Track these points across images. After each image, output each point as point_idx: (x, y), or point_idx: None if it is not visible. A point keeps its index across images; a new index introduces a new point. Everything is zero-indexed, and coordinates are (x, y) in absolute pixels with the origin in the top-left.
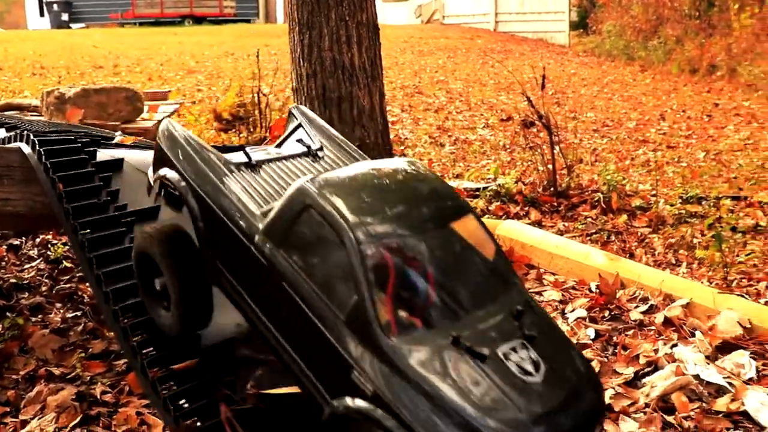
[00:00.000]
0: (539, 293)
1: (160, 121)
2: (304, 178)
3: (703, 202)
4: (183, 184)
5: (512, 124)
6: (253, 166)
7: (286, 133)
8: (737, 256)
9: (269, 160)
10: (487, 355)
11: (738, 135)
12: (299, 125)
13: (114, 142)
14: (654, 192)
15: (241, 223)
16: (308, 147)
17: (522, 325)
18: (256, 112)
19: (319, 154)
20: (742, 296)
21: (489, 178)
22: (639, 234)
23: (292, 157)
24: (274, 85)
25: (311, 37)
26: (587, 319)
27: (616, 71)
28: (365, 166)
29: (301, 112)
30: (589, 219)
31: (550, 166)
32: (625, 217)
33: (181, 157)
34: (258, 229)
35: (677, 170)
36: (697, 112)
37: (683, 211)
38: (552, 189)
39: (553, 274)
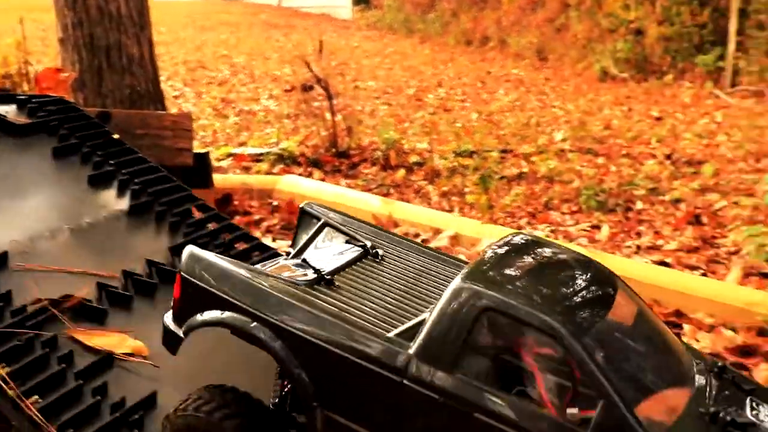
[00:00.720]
0: None
1: None
2: (456, 280)
3: (474, 156)
4: (254, 324)
5: (296, 94)
6: (329, 281)
7: (309, 235)
8: (503, 198)
9: (336, 271)
10: (752, 423)
11: (507, 98)
12: (323, 224)
13: None
14: (429, 149)
15: (375, 354)
16: (363, 247)
17: (735, 382)
18: (25, 83)
19: (379, 252)
20: (502, 226)
21: (272, 143)
22: (416, 186)
23: (354, 262)
24: (41, 61)
25: None
26: None
27: (396, 44)
28: (498, 250)
29: (320, 210)
30: (370, 176)
31: (332, 130)
32: (403, 172)
33: (240, 291)
34: (407, 355)
35: (452, 129)
36: (471, 79)
37: (456, 164)
38: (334, 150)
39: None
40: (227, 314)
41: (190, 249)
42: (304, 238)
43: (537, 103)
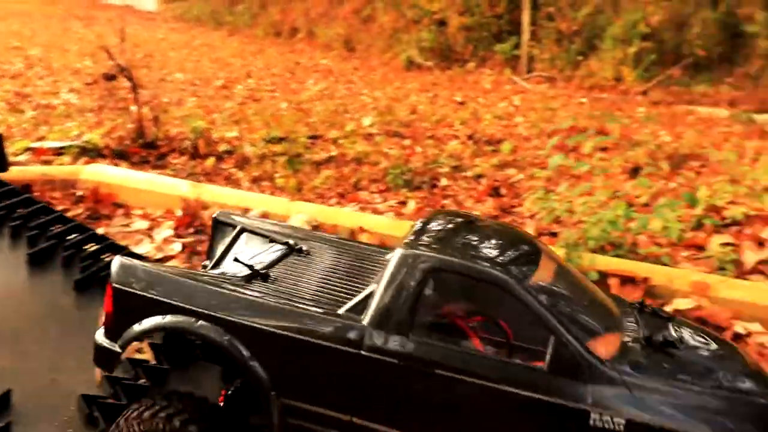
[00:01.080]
0: (127, 225)
1: None
2: (399, 250)
3: (284, 142)
4: (200, 323)
5: (98, 88)
6: (264, 276)
7: (227, 243)
8: (313, 181)
9: (268, 267)
10: (680, 339)
11: (317, 87)
12: (241, 230)
13: None
14: (239, 137)
15: (329, 331)
16: (287, 245)
17: (655, 313)
18: None
19: (303, 247)
20: (311, 203)
21: (74, 136)
22: (227, 173)
23: (282, 258)
24: None
25: None
26: (174, 236)
27: (204, 36)
28: (427, 224)
29: (234, 218)
30: (179, 165)
31: (138, 121)
32: (213, 160)
33: (182, 292)
34: (361, 326)
35: (262, 118)
36: (281, 70)
37: (266, 151)
38: (140, 141)
39: (141, 208)
40: (169, 318)
41: (119, 260)
42: (221, 247)
43: (345, 91)
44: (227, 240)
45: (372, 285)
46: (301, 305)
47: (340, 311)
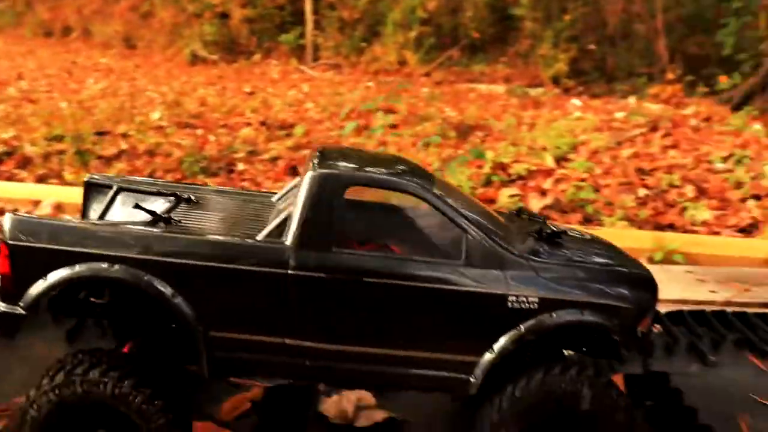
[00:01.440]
0: None
1: None
2: (309, 173)
3: (68, 140)
4: (116, 267)
5: None
6: (167, 220)
7: (104, 203)
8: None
9: (167, 212)
10: (564, 231)
11: (98, 86)
12: (119, 189)
13: None
14: (17, 137)
15: (253, 256)
16: (176, 196)
17: (531, 217)
18: None
19: (192, 198)
20: None
21: None
22: (8, 175)
23: (174, 208)
24: None
25: None
26: None
27: None
28: (322, 154)
29: (108, 179)
30: None
31: None
32: None
33: (91, 239)
34: (284, 247)
35: (41, 118)
36: (57, 70)
37: (50, 149)
38: None
39: None
40: (79, 267)
41: (9, 216)
42: (98, 209)
43: (130, 88)
44: (104, 201)
45: (283, 212)
46: (218, 235)
47: (259, 237)
